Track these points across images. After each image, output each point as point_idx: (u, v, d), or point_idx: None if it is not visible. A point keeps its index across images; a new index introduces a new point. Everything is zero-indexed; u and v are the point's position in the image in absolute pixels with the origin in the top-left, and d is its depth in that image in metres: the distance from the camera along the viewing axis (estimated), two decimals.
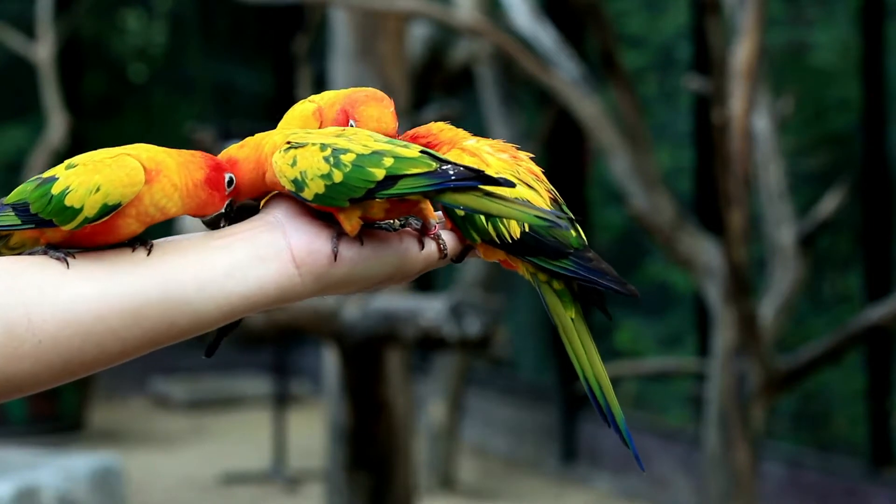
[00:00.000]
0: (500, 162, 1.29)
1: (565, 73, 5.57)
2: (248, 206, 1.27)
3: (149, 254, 1.18)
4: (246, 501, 7.65)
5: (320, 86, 7.07)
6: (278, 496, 7.76)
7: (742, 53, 4.92)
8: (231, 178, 1.23)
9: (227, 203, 1.24)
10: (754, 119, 5.40)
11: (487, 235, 1.26)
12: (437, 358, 7.97)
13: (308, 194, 1.20)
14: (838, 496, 6.43)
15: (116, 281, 1.16)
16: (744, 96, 4.86)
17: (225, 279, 1.18)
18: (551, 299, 1.27)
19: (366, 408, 4.87)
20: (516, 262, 1.28)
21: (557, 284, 1.27)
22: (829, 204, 5.51)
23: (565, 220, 1.25)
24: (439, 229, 1.27)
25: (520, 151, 1.32)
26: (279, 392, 8.78)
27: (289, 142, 1.23)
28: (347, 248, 1.21)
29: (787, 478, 6.63)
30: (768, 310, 5.29)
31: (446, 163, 1.20)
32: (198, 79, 12.11)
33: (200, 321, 1.18)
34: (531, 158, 1.32)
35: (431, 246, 1.26)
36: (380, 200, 1.20)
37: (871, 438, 6.53)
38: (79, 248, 1.19)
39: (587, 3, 5.59)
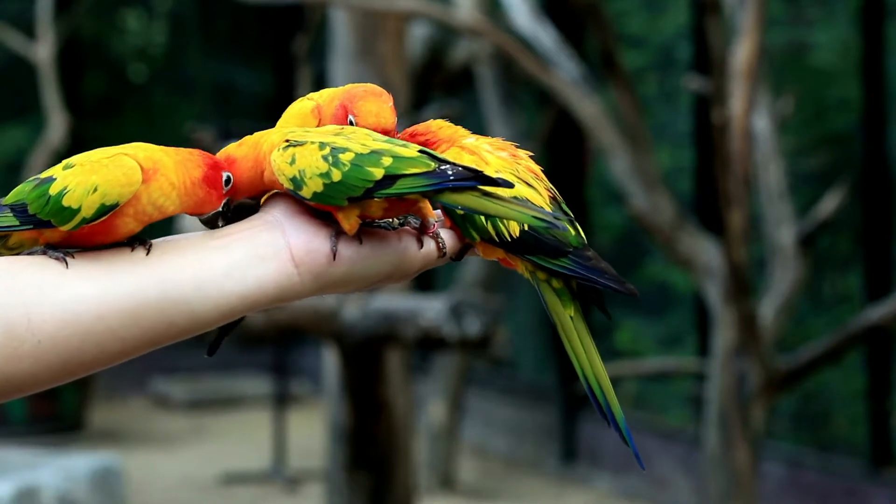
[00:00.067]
0: (499, 160, 1.29)
1: (565, 73, 5.57)
2: (245, 205, 1.26)
3: (147, 253, 1.18)
4: (246, 501, 7.64)
5: (320, 86, 7.04)
6: (278, 496, 7.76)
7: (742, 53, 4.92)
8: (229, 176, 1.23)
9: (225, 202, 1.24)
10: (754, 119, 5.40)
11: (486, 234, 1.26)
12: (437, 358, 7.96)
13: (306, 193, 1.20)
14: (838, 496, 6.43)
15: (115, 281, 1.16)
16: (744, 96, 4.86)
17: (224, 279, 1.17)
18: (550, 298, 1.27)
19: (366, 408, 4.87)
20: (515, 261, 1.28)
21: (556, 283, 1.27)
22: (829, 204, 5.51)
23: (564, 220, 1.25)
24: (438, 228, 1.27)
25: (519, 150, 1.32)
26: (279, 392, 8.78)
27: (287, 140, 1.23)
28: (346, 246, 1.21)
29: (787, 478, 6.63)
30: (768, 310, 5.28)
31: (445, 162, 1.20)
32: (198, 79, 12.11)
33: (199, 321, 1.18)
34: (530, 157, 1.32)
35: (430, 244, 1.26)
36: (378, 200, 1.19)
37: (871, 438, 6.52)
38: (77, 248, 1.19)
39: (587, 3, 5.59)
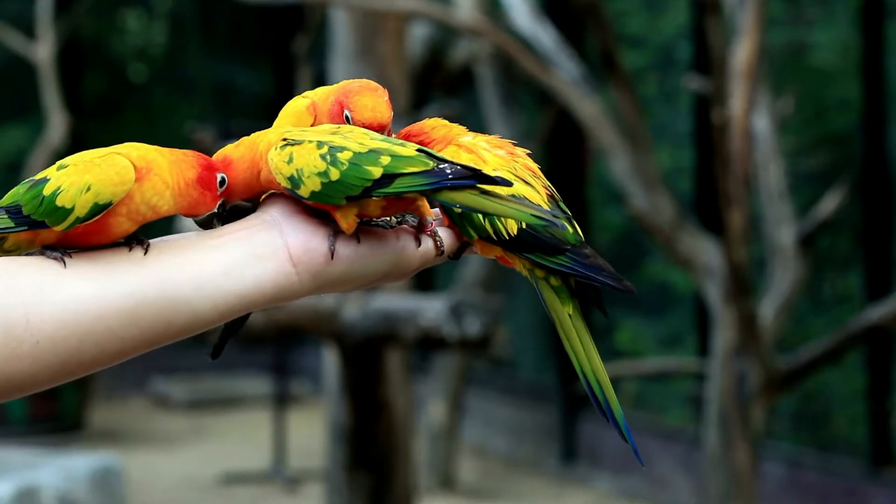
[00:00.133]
0: (497, 158, 1.29)
1: (565, 73, 5.57)
2: (240, 207, 1.26)
3: (145, 253, 1.18)
4: (246, 501, 7.64)
5: (320, 86, 7.04)
6: (278, 496, 7.76)
7: (742, 53, 4.92)
8: (223, 178, 1.23)
9: (220, 203, 1.24)
10: (754, 119, 5.40)
11: (484, 232, 1.26)
12: (437, 358, 7.96)
13: (304, 192, 1.20)
14: (838, 496, 6.43)
15: (114, 280, 1.16)
16: (744, 96, 4.86)
17: (222, 278, 1.17)
18: (549, 296, 1.27)
19: (366, 408, 4.87)
20: (513, 259, 1.28)
21: (555, 281, 1.27)
22: (829, 204, 5.51)
23: (562, 218, 1.25)
24: (436, 226, 1.27)
25: (517, 148, 1.32)
26: (279, 392, 8.78)
27: (284, 139, 1.23)
28: (344, 245, 1.21)
29: (787, 478, 6.63)
30: (768, 310, 5.28)
31: (443, 161, 1.20)
32: (198, 79, 12.10)
33: (198, 320, 1.18)
34: (528, 155, 1.32)
35: (428, 243, 1.26)
36: (376, 198, 1.19)
37: (871, 438, 6.52)
38: (74, 249, 1.19)
39: (587, 3, 5.59)
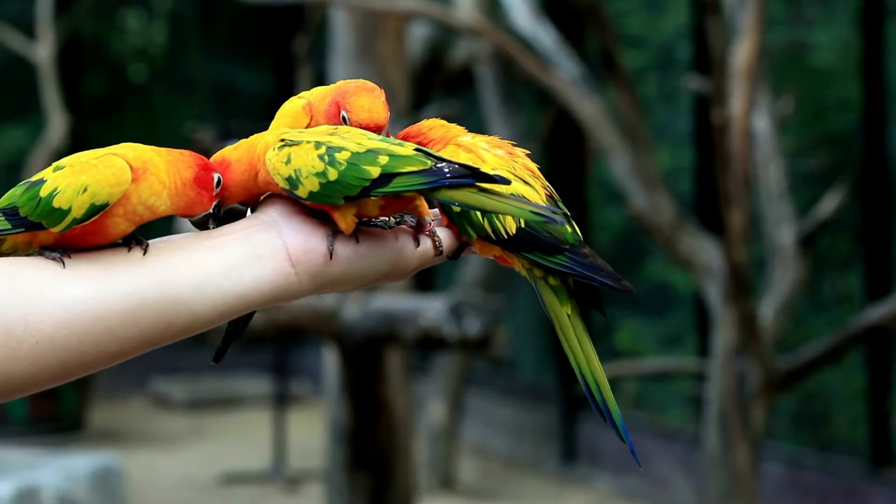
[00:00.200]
0: (496, 158, 1.29)
1: (565, 73, 5.57)
2: (236, 210, 1.26)
3: (144, 253, 1.18)
4: (246, 501, 7.64)
5: (320, 86, 7.04)
6: (278, 496, 7.76)
7: (742, 53, 4.92)
8: (219, 178, 1.23)
9: (215, 204, 1.24)
10: (754, 119, 5.40)
11: (483, 231, 1.26)
12: (437, 358, 7.96)
13: (302, 192, 1.20)
14: (838, 496, 6.43)
15: (113, 281, 1.16)
16: (744, 96, 4.86)
17: (222, 279, 1.18)
18: (547, 295, 1.27)
19: (366, 408, 4.87)
20: (512, 258, 1.28)
21: (553, 280, 1.27)
22: (829, 204, 5.51)
23: (560, 215, 1.25)
24: (435, 226, 1.27)
25: (516, 148, 1.32)
26: (279, 392, 8.78)
27: (282, 140, 1.23)
28: (343, 246, 1.21)
29: (787, 478, 6.63)
30: (768, 310, 5.28)
31: (441, 160, 1.20)
32: (198, 79, 12.10)
33: (198, 320, 1.18)
34: (527, 155, 1.32)
35: (427, 243, 1.26)
36: (375, 198, 1.19)
37: (871, 438, 6.52)
38: (73, 250, 1.18)
39: (587, 3, 5.59)
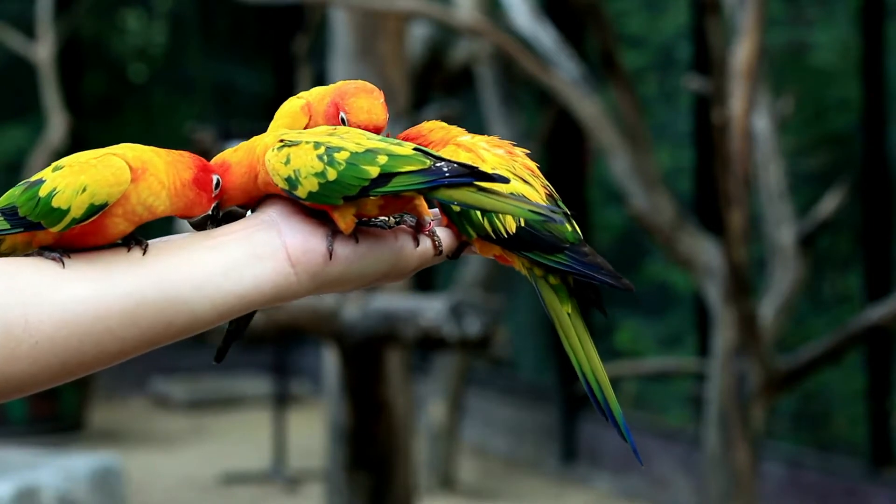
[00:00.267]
0: (496, 158, 1.29)
1: (565, 73, 5.57)
2: (234, 213, 1.26)
3: (144, 253, 1.18)
4: (246, 501, 7.64)
5: (320, 86, 7.04)
6: (278, 496, 7.76)
7: (742, 53, 4.92)
8: (218, 180, 1.23)
9: (214, 205, 1.24)
10: (754, 119, 5.40)
11: (483, 231, 1.26)
12: (437, 358, 7.96)
13: (302, 192, 1.20)
14: (838, 496, 6.43)
15: (113, 281, 1.16)
16: (744, 96, 4.86)
17: (221, 278, 1.18)
18: (547, 294, 1.27)
19: (366, 408, 4.87)
20: (512, 258, 1.28)
21: (553, 279, 1.27)
22: (829, 204, 5.50)
23: (560, 214, 1.25)
24: (434, 226, 1.27)
25: (516, 147, 1.32)
26: (279, 392, 8.78)
27: (281, 140, 1.23)
28: (342, 246, 1.21)
29: (787, 478, 6.63)
30: (768, 310, 5.28)
31: (440, 160, 1.20)
32: (198, 79, 12.10)
33: (198, 320, 1.18)
34: (527, 154, 1.32)
35: (426, 243, 1.26)
36: (374, 198, 1.19)
37: (871, 438, 6.52)
38: (73, 250, 1.18)
39: (587, 3, 5.59)
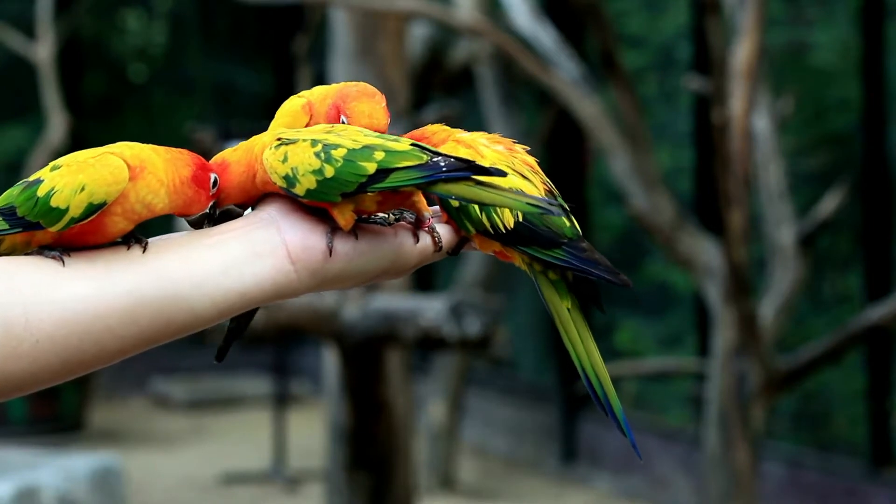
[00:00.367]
0: (495, 153, 1.29)
1: (565, 73, 5.57)
2: (232, 212, 1.26)
3: (144, 251, 1.18)
4: (246, 501, 7.64)
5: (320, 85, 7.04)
6: (278, 496, 7.76)
7: (742, 53, 4.92)
8: (216, 178, 1.23)
9: (212, 204, 1.24)
10: (754, 119, 5.40)
11: (482, 226, 1.26)
12: (437, 358, 7.96)
13: (300, 190, 1.20)
14: (838, 496, 6.43)
15: (113, 279, 1.16)
16: (744, 96, 4.86)
17: (221, 276, 1.18)
18: (547, 290, 1.28)
19: (366, 408, 4.87)
20: (511, 253, 1.28)
21: (553, 275, 1.28)
22: (829, 204, 5.51)
23: (558, 206, 1.25)
24: (434, 222, 1.27)
25: (516, 144, 1.32)
26: (279, 392, 8.78)
27: (279, 139, 1.23)
28: (342, 242, 1.21)
29: (787, 478, 6.63)
30: (768, 310, 5.28)
31: (437, 154, 1.20)
32: (198, 79, 12.10)
33: (197, 318, 1.18)
34: (527, 151, 1.32)
35: (426, 239, 1.26)
36: (372, 194, 1.20)
37: (871, 438, 6.52)
38: (72, 249, 1.18)
39: (587, 3, 5.59)
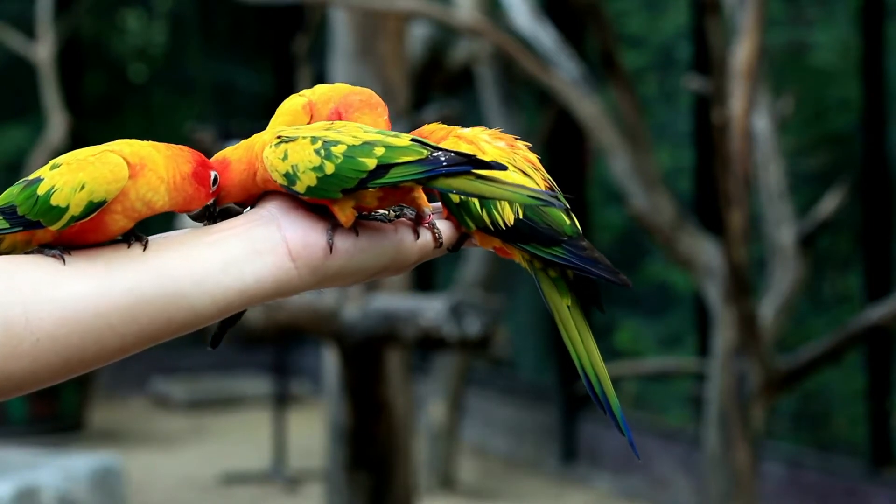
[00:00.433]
0: (496, 149, 1.30)
1: (565, 73, 5.57)
2: (232, 210, 1.26)
3: (144, 249, 1.18)
4: (246, 501, 7.64)
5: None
6: (278, 496, 7.76)
7: (742, 53, 4.92)
8: (216, 176, 1.23)
9: (212, 201, 1.24)
10: (754, 119, 5.40)
11: (482, 222, 1.26)
12: (437, 358, 7.96)
13: (300, 187, 1.20)
14: (838, 496, 6.43)
15: (113, 277, 1.16)
16: (744, 96, 4.86)
17: (221, 274, 1.17)
18: (547, 287, 1.28)
19: (366, 408, 4.87)
20: (512, 250, 1.28)
21: (553, 272, 1.28)
22: (829, 204, 5.51)
23: (558, 199, 1.25)
24: (434, 218, 1.27)
25: (517, 141, 1.32)
26: (279, 392, 8.78)
27: (279, 136, 1.23)
28: (343, 239, 1.21)
29: (787, 478, 6.63)
30: (768, 310, 5.28)
31: (437, 149, 1.20)
32: (198, 79, 12.10)
33: (198, 316, 1.18)
34: (529, 148, 1.32)
35: (427, 235, 1.26)
36: (372, 190, 1.20)
37: (871, 438, 6.52)
38: (72, 247, 1.18)
39: (587, 3, 5.59)
